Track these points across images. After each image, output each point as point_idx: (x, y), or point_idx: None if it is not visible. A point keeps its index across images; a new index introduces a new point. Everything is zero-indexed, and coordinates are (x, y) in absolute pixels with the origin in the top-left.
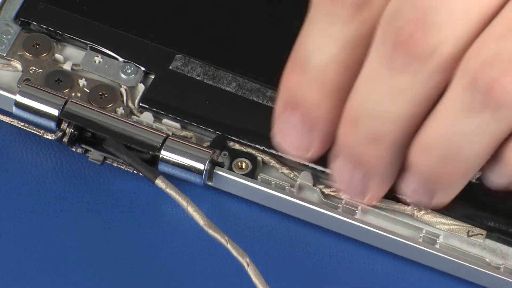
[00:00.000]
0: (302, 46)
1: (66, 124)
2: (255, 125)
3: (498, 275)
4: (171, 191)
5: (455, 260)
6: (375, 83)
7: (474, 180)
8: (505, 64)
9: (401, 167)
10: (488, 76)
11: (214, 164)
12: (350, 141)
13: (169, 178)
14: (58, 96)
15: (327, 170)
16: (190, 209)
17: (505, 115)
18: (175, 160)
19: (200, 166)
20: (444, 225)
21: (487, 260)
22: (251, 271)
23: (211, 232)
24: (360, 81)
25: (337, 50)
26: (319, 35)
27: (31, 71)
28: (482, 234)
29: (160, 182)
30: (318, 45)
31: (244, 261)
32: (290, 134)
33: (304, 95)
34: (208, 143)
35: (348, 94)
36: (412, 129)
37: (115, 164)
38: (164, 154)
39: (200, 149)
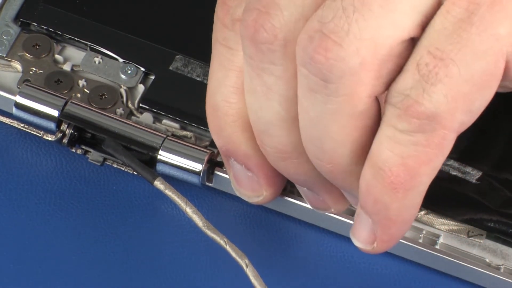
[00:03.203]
0: (208, 88)
1: (66, 125)
2: None
3: (498, 276)
4: (170, 193)
5: (455, 260)
6: (251, 91)
7: (474, 181)
8: (326, 31)
9: None
10: (311, 46)
11: (213, 163)
12: (269, 159)
13: (168, 179)
14: (58, 97)
15: None
16: (189, 211)
17: (337, 88)
18: (173, 161)
19: (198, 166)
20: (444, 225)
21: (487, 260)
22: (250, 272)
23: (210, 233)
24: (245, 96)
25: (234, 80)
26: (219, 70)
27: (31, 72)
28: (482, 235)
29: (158, 184)
30: (219, 81)
31: (243, 262)
32: (240, 180)
33: (224, 138)
34: (207, 143)
35: None
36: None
37: (115, 165)
38: (162, 154)
39: (197, 149)
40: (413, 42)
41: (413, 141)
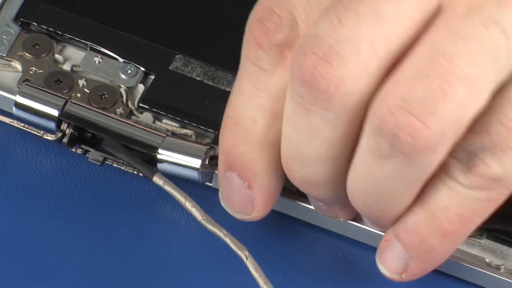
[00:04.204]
0: (232, 102)
1: (66, 125)
2: None
3: (498, 276)
4: (169, 188)
5: (456, 260)
6: (293, 125)
7: None
8: (412, 111)
9: None
10: (395, 123)
11: (213, 159)
12: (293, 181)
13: (170, 178)
14: (58, 96)
15: None
16: (188, 205)
17: (415, 160)
18: (172, 158)
19: (197, 162)
20: None
21: (487, 260)
22: (250, 264)
23: (209, 226)
24: (283, 124)
25: (263, 101)
26: (247, 88)
27: (31, 72)
28: (482, 235)
29: (157, 179)
30: (246, 98)
31: (243, 254)
32: (233, 194)
33: (237, 152)
34: (209, 140)
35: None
36: (341, 169)
37: (115, 165)
38: (161, 153)
39: (196, 145)
40: None
41: (474, 196)
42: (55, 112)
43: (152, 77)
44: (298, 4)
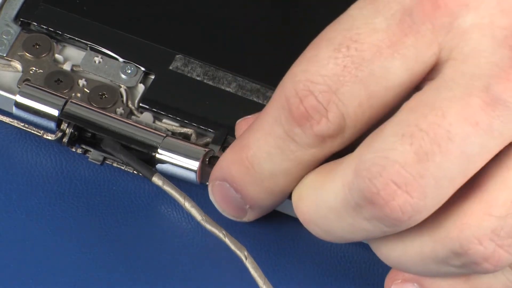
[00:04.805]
0: (251, 147)
1: (66, 125)
2: None
3: None
4: (168, 188)
5: None
6: (339, 216)
7: None
8: (500, 243)
9: None
10: (480, 256)
11: (212, 161)
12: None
13: (169, 178)
14: (58, 96)
15: None
16: (187, 205)
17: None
18: (171, 159)
19: (195, 164)
20: None
21: None
22: (250, 264)
23: (208, 227)
24: (322, 203)
25: (288, 166)
26: (273, 147)
27: (31, 72)
28: None
29: (156, 179)
30: (270, 155)
31: (242, 254)
32: (227, 202)
33: (246, 189)
34: (209, 139)
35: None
36: None
37: (115, 165)
38: (161, 153)
39: (195, 147)
40: None
41: None
42: (55, 112)
43: (152, 77)
44: (350, 105)
